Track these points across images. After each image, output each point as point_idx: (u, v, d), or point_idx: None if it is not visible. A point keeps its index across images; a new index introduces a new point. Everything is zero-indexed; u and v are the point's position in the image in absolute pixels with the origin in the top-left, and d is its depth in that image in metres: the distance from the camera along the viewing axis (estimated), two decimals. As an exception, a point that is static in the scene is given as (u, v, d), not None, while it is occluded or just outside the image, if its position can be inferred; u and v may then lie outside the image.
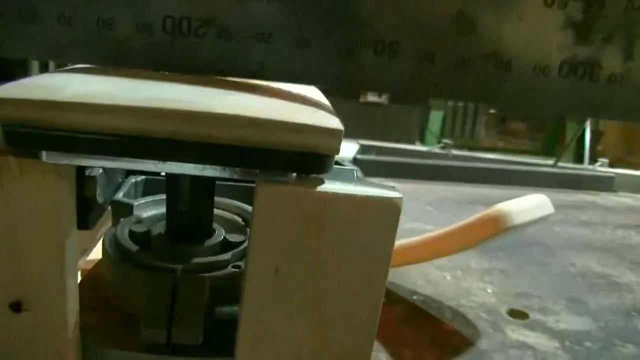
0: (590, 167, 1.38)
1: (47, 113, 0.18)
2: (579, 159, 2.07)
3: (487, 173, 1.09)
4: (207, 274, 0.25)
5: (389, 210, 0.20)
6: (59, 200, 0.20)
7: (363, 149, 1.22)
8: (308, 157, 0.19)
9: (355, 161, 1.05)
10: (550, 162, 1.32)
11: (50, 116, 0.18)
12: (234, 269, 0.26)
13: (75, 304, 0.22)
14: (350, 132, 0.20)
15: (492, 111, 2.68)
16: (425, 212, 0.78)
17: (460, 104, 2.58)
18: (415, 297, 0.49)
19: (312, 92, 0.26)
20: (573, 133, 2.12)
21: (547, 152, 2.49)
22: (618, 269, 0.62)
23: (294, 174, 0.20)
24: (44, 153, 0.19)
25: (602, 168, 1.29)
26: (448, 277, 0.54)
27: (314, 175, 0.20)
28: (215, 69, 0.22)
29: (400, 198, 0.20)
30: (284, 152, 0.19)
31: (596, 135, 2.24)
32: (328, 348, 0.21)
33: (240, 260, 0.27)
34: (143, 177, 0.33)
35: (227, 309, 0.25)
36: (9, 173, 0.19)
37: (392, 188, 0.20)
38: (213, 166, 0.20)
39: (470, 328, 0.44)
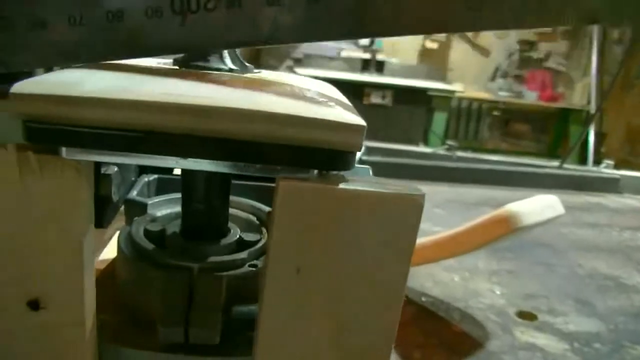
0: (595, 168, 1.38)
1: (67, 109, 0.18)
2: (583, 161, 2.07)
3: (493, 175, 1.09)
4: (224, 273, 0.25)
5: (411, 207, 0.19)
6: (77, 196, 0.20)
7: (368, 151, 1.22)
8: (330, 154, 0.19)
9: (361, 163, 1.04)
10: (555, 163, 1.31)
11: (70, 112, 0.18)
12: (250, 268, 0.26)
13: (93, 302, 0.22)
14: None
15: (495, 113, 2.68)
16: (433, 213, 0.78)
17: (464, 105, 2.57)
18: (424, 299, 0.48)
19: (331, 90, 0.26)
20: (577, 135, 2.12)
21: (551, 154, 2.49)
22: (626, 271, 0.62)
23: (315, 171, 0.20)
24: (63, 149, 0.19)
25: (607, 170, 1.29)
26: (456, 279, 0.54)
27: (334, 173, 0.20)
28: (228, 40, 0.22)
29: (423, 195, 0.19)
30: (306, 149, 0.19)
31: (600, 137, 2.24)
32: (348, 347, 0.21)
33: (256, 259, 0.27)
34: (156, 176, 0.33)
35: (244, 308, 0.25)
36: (28, 169, 0.19)
37: (414, 187, 0.20)
38: (234, 162, 0.20)
39: (479, 329, 0.44)
